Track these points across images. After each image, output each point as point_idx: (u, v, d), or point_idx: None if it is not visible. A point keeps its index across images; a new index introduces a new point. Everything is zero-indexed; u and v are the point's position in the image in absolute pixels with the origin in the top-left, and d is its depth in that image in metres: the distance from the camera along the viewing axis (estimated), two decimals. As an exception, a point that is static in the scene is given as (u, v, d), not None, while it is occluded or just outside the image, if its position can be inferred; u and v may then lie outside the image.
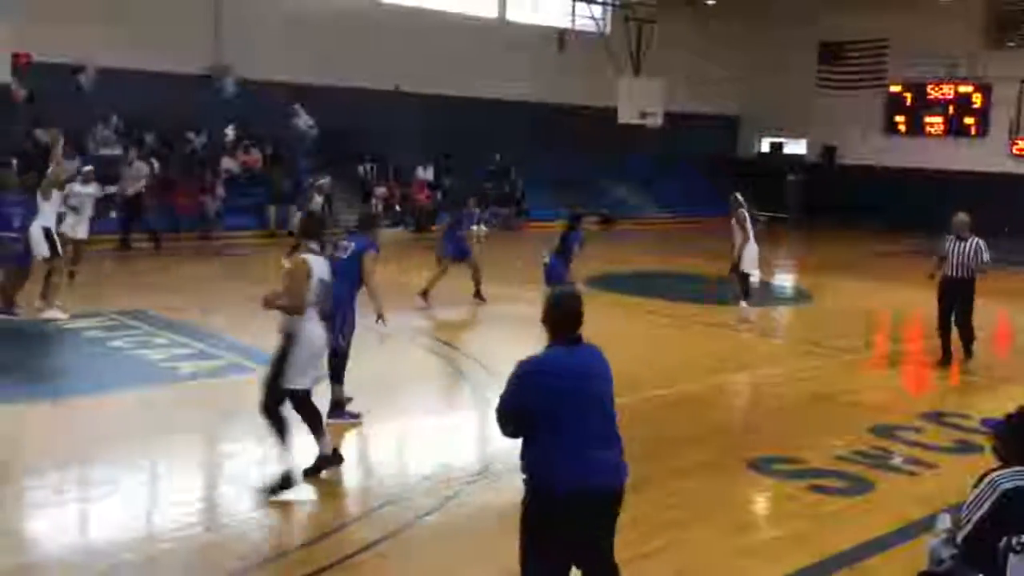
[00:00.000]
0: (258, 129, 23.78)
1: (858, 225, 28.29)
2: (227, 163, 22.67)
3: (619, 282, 16.73)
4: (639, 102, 27.81)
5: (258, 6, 23.80)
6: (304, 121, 24.57)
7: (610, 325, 10.84)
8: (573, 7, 30.03)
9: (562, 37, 29.54)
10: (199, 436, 7.93)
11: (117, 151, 21.17)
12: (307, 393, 6.58)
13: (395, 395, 9.16)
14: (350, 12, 25.63)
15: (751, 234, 13.61)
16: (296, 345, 6.38)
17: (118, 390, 8.86)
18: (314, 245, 6.68)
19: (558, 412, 4.04)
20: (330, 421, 7.48)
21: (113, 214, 19.12)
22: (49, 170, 11.95)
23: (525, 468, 4.15)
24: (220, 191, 21.58)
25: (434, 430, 8.37)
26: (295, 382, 6.42)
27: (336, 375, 7.90)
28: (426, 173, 26.17)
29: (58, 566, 5.45)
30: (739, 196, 13.88)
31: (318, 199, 17.52)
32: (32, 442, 7.56)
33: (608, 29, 30.14)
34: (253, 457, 7.00)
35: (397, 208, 24.99)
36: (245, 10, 23.53)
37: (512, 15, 29.77)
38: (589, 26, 29.68)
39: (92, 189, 14.59)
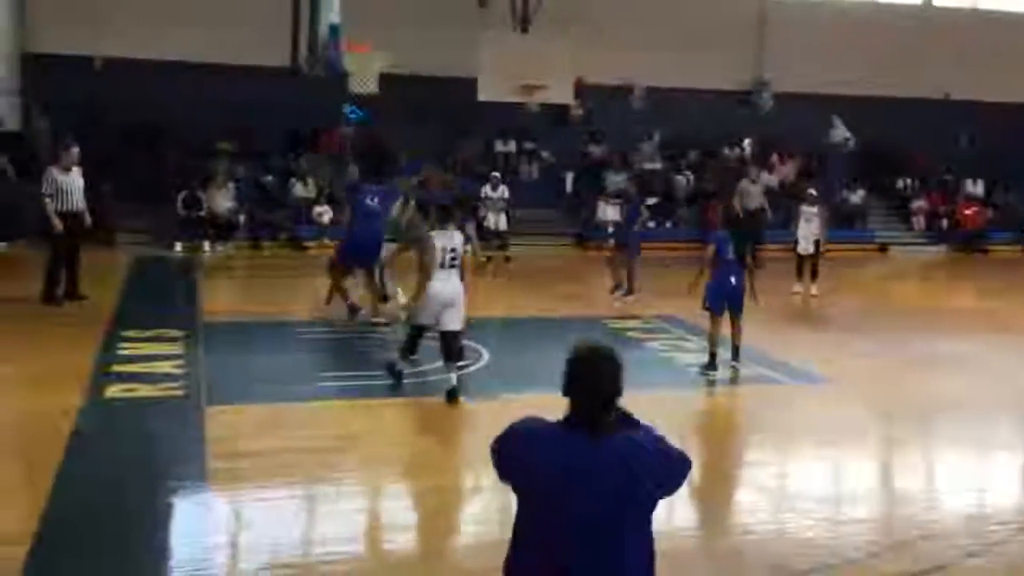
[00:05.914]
0: (792, 142, 23.61)
1: None
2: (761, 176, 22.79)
3: None
4: None
5: (801, 21, 23.69)
6: (840, 133, 23.92)
7: None
8: None
9: None
10: (715, 442, 8.09)
11: (658, 166, 22.49)
12: None
13: (933, 421, 8.52)
14: (898, 16, 24.41)
15: None
16: None
17: (654, 389, 9.12)
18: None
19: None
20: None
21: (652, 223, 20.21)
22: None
23: None
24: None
25: (981, 464, 7.65)
26: None
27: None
28: (975, 187, 23.89)
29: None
30: None
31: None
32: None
33: None
34: (770, 468, 6.98)
35: (942, 225, 23.15)
36: (788, 26, 23.56)
37: (1093, 5, 26.04)
38: None
39: None
